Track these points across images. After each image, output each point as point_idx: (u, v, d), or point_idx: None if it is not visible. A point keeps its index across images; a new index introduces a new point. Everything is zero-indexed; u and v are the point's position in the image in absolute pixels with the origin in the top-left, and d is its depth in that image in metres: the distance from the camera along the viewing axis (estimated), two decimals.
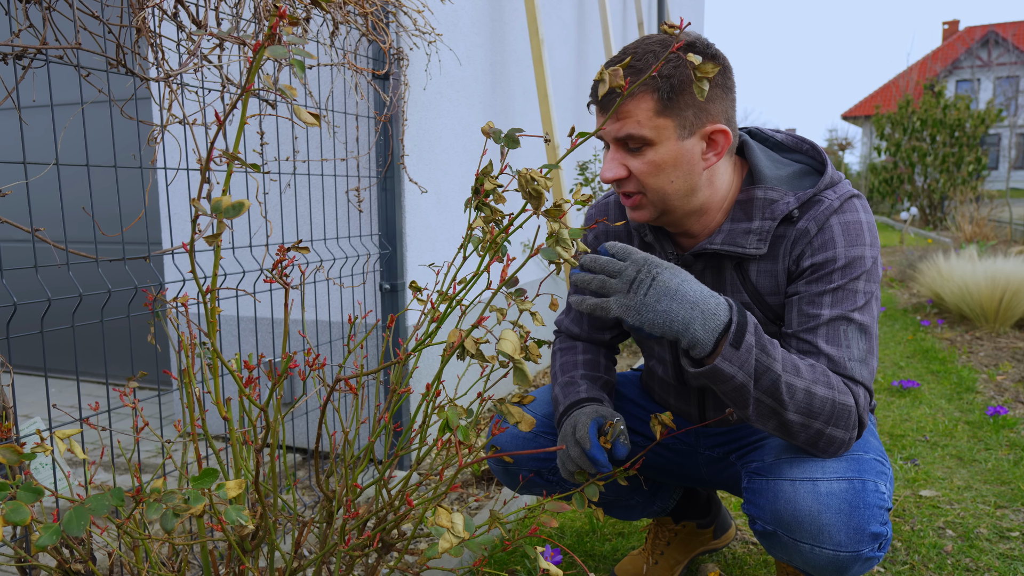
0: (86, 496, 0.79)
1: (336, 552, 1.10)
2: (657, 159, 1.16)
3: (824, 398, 1.09)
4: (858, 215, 1.20)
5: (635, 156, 1.17)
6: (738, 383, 1.06)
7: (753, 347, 1.05)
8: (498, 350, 0.88)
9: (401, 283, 2.29)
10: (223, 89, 1.61)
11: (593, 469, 1.19)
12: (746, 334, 1.05)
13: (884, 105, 17.54)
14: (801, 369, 1.09)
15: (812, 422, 1.09)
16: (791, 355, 1.11)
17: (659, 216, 1.24)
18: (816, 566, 1.14)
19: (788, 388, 1.07)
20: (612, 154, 1.19)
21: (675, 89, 1.12)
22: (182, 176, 2.29)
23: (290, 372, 1.01)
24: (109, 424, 1.39)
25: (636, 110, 1.13)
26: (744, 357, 1.05)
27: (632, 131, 1.14)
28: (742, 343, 1.05)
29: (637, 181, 1.19)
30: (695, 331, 1.05)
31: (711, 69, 0.89)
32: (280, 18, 0.80)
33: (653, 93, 1.12)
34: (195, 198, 0.87)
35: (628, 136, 1.15)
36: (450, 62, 2.58)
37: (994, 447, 2.42)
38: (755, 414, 1.09)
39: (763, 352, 1.06)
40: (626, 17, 4.95)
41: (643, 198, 1.21)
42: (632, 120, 1.14)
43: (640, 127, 1.13)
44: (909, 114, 12.34)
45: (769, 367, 1.06)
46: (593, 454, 1.18)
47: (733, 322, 1.05)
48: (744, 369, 1.05)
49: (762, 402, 1.08)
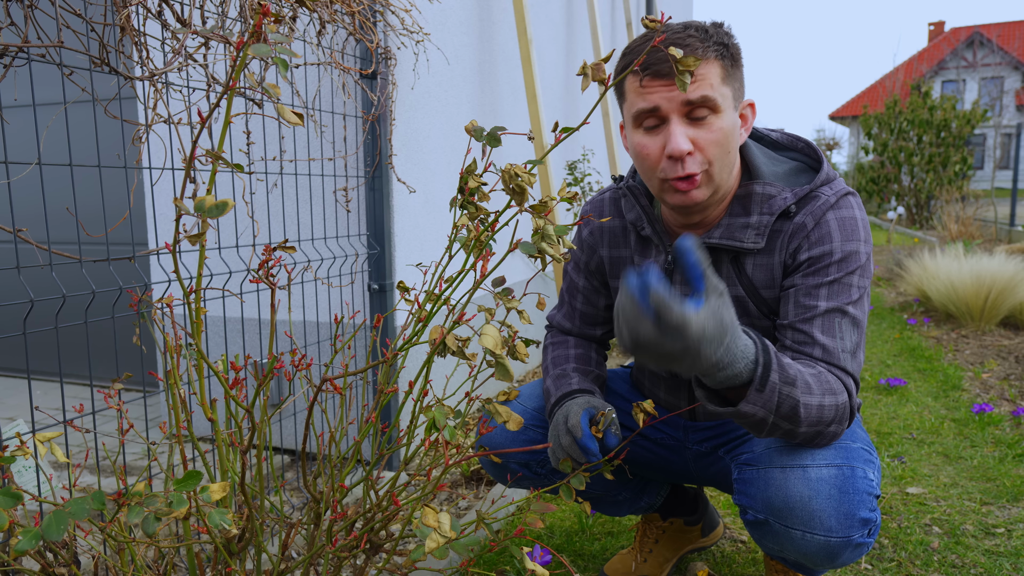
0: (69, 499, 0.78)
1: (324, 554, 1.09)
2: (724, 127, 1.14)
3: (830, 407, 1.10)
4: (853, 212, 1.22)
5: (700, 126, 1.14)
6: (759, 418, 1.05)
7: (778, 384, 1.03)
8: (480, 345, 0.88)
9: (389, 283, 2.28)
10: (208, 88, 1.60)
11: (584, 458, 1.19)
12: (771, 373, 1.02)
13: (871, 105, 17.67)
14: (811, 385, 1.08)
15: (816, 427, 1.11)
16: (802, 369, 1.08)
17: (711, 195, 1.20)
18: (808, 553, 1.14)
19: (805, 408, 1.07)
20: (677, 127, 1.13)
21: (735, 58, 1.15)
22: (167, 176, 2.27)
23: (276, 373, 1.00)
24: (94, 426, 1.38)
25: (708, 74, 1.12)
26: (768, 396, 1.03)
27: (707, 92, 1.12)
28: (767, 384, 1.02)
29: (702, 154, 1.15)
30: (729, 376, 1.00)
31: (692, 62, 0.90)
32: (264, 16, 0.80)
33: (720, 59, 1.13)
34: (178, 197, 0.86)
35: (703, 99, 1.12)
36: (438, 61, 2.57)
37: (980, 444, 2.44)
38: (767, 433, 1.10)
39: (785, 383, 1.04)
40: (614, 17, 4.96)
41: (703, 175, 1.17)
42: (706, 82, 1.12)
43: (713, 90, 1.12)
44: (896, 114, 12.43)
45: (789, 395, 1.05)
46: (584, 443, 1.19)
47: (759, 364, 1.02)
48: (767, 407, 1.04)
49: (778, 425, 1.08)
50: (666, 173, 1.17)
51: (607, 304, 1.49)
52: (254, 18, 0.76)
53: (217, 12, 1.61)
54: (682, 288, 1.33)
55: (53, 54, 1.34)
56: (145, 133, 1.54)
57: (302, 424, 2.31)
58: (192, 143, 0.87)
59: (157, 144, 2.12)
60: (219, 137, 0.85)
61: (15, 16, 2.47)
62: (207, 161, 0.85)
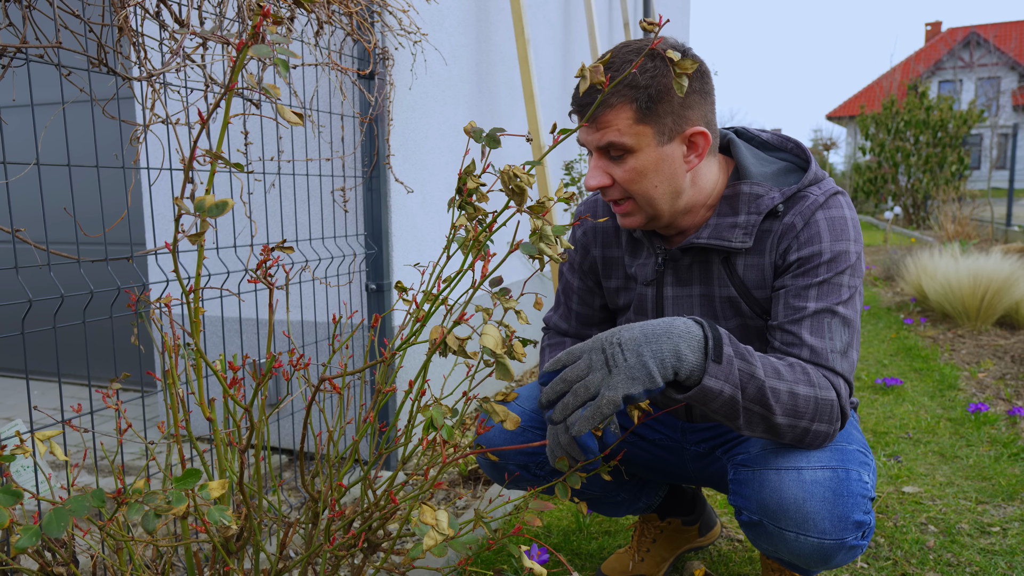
0: (67, 498, 0.79)
1: (321, 553, 1.10)
2: (638, 166, 1.18)
3: (807, 397, 1.10)
4: (843, 211, 1.22)
5: (617, 164, 1.19)
6: (727, 396, 1.06)
7: (734, 357, 1.06)
8: (481, 345, 0.88)
9: (387, 283, 2.28)
10: (207, 88, 1.61)
11: (583, 456, 1.20)
12: (723, 346, 1.05)
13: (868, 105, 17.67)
14: (781, 371, 1.10)
15: (798, 422, 1.11)
16: (769, 358, 1.11)
17: (649, 221, 1.26)
18: (801, 555, 1.15)
19: (773, 392, 1.08)
20: (595, 162, 1.21)
21: (653, 98, 1.14)
22: (165, 176, 2.27)
23: (274, 372, 1.01)
24: (92, 426, 1.38)
25: (616, 119, 1.15)
26: (727, 369, 1.05)
27: (613, 139, 1.16)
28: (722, 355, 1.05)
29: (621, 188, 1.21)
30: (685, 354, 1.03)
31: (690, 65, 0.90)
32: (264, 17, 0.80)
33: (632, 103, 1.14)
34: (178, 197, 0.87)
35: (609, 144, 1.17)
36: (436, 62, 2.58)
37: (975, 443, 2.45)
38: (745, 423, 1.10)
39: (743, 360, 1.07)
40: (612, 17, 4.97)
41: (632, 204, 1.23)
42: (612, 129, 1.16)
43: (620, 135, 1.15)
44: (893, 114, 12.45)
45: (753, 375, 1.07)
46: (584, 440, 1.19)
47: (709, 337, 1.05)
48: (730, 381, 1.05)
49: (751, 411, 1.08)
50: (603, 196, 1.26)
51: (602, 304, 1.50)
52: (252, 19, 0.76)
53: (215, 12, 1.61)
54: (675, 289, 1.34)
55: (51, 55, 1.34)
56: (143, 133, 1.54)
57: (300, 423, 2.32)
58: (192, 144, 0.87)
59: (155, 144, 2.12)
60: (218, 137, 0.85)
61: (13, 17, 2.47)
62: (205, 161, 0.85)
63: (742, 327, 1.30)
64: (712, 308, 1.31)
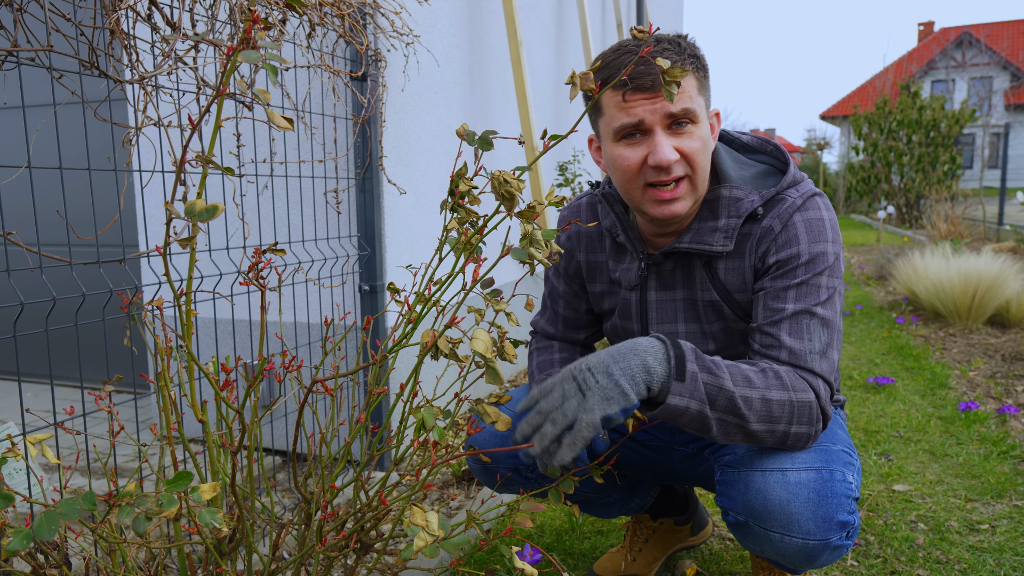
0: (60, 500, 0.79)
1: (314, 554, 1.10)
2: (703, 135, 1.18)
3: (781, 401, 1.11)
4: (820, 212, 1.23)
5: (682, 136, 1.17)
6: (694, 412, 1.07)
7: (699, 372, 1.06)
8: (471, 349, 0.89)
9: (380, 284, 2.29)
10: (198, 91, 1.61)
11: (572, 464, 1.20)
12: (686, 363, 1.06)
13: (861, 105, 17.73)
14: (752, 379, 1.10)
15: (775, 426, 1.11)
16: (740, 366, 1.12)
17: (690, 206, 1.23)
18: (786, 555, 1.16)
19: (745, 401, 1.08)
20: (663, 137, 1.15)
21: (704, 71, 1.19)
22: (157, 178, 2.27)
23: (266, 375, 1.01)
24: (84, 428, 1.39)
25: (687, 86, 1.16)
26: (692, 386, 1.05)
27: (688, 104, 1.15)
28: (685, 373, 1.05)
29: (686, 161, 1.18)
30: (654, 367, 1.05)
31: (679, 73, 0.91)
32: (253, 23, 0.81)
33: (695, 71, 1.17)
34: (168, 201, 0.87)
35: (684, 111, 1.15)
36: (428, 63, 2.58)
37: (965, 442, 2.47)
38: (720, 434, 1.11)
39: (709, 374, 1.07)
40: (605, 19, 4.98)
41: (686, 183, 1.20)
42: (686, 95, 1.15)
43: (692, 101, 1.16)
44: (886, 114, 12.50)
45: (721, 387, 1.07)
46: None
47: (671, 355, 1.06)
48: (695, 397, 1.06)
49: (724, 421, 1.09)
50: (649, 179, 1.19)
51: (588, 308, 1.50)
52: (244, 22, 0.77)
53: (207, 15, 1.62)
54: (658, 294, 1.35)
55: (43, 58, 1.34)
56: (135, 136, 1.54)
57: (293, 425, 2.32)
58: (183, 147, 0.88)
59: (147, 146, 2.12)
60: (209, 140, 0.86)
61: (4, 20, 2.47)
62: (197, 164, 0.86)
63: (725, 330, 1.31)
64: (695, 312, 1.32)
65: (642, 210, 1.24)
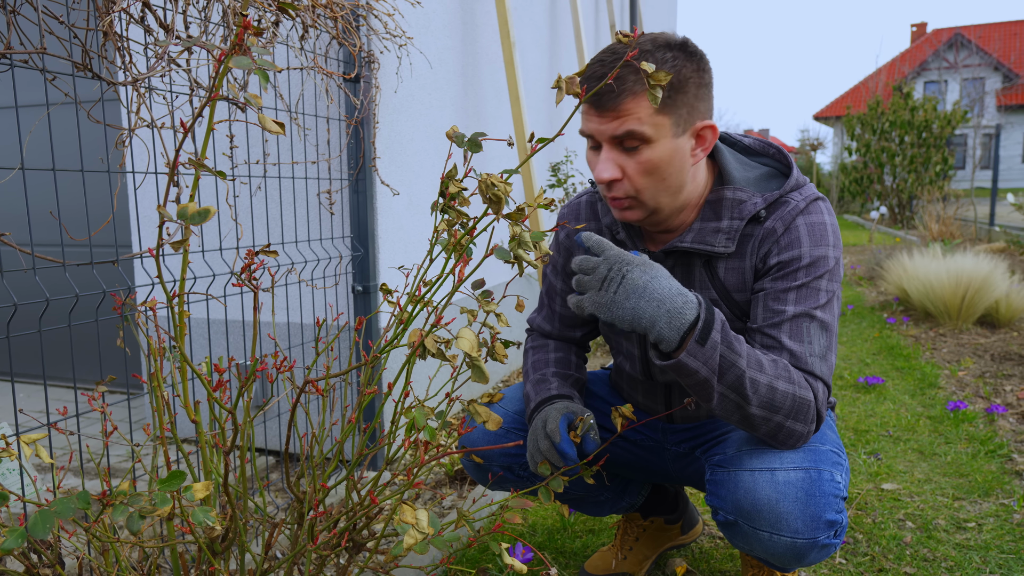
0: (53, 500, 0.80)
1: (306, 553, 1.11)
2: (653, 157, 1.16)
3: (785, 393, 1.12)
4: (823, 217, 1.24)
5: (630, 155, 1.17)
6: (702, 378, 1.09)
7: (719, 344, 1.08)
8: (457, 347, 0.90)
9: (373, 285, 2.30)
10: (191, 93, 1.62)
11: (562, 463, 1.22)
12: (712, 331, 1.08)
13: (854, 106, 17.79)
14: (765, 365, 1.12)
15: (773, 416, 1.13)
16: (756, 351, 1.14)
17: (648, 216, 1.25)
18: (775, 554, 1.17)
19: (752, 383, 1.10)
20: (606, 154, 1.17)
21: (674, 87, 1.13)
22: (151, 179, 2.28)
23: (258, 375, 1.02)
24: (78, 429, 1.39)
25: (637, 108, 1.13)
26: (709, 354, 1.07)
27: (633, 128, 1.13)
28: (707, 340, 1.07)
29: (630, 182, 1.19)
30: (660, 328, 1.07)
31: (664, 77, 0.92)
32: (245, 28, 0.82)
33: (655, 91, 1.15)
34: (161, 204, 0.88)
35: (628, 133, 1.14)
36: (421, 65, 2.59)
37: (953, 441, 2.49)
38: (719, 407, 1.13)
39: (728, 349, 1.09)
40: (598, 19, 4.99)
41: (632, 200, 1.22)
42: (633, 118, 1.13)
43: (641, 124, 1.13)
44: (878, 115, 12.56)
45: (734, 363, 1.09)
46: (562, 447, 1.21)
47: (700, 319, 1.08)
48: (708, 365, 1.08)
49: (726, 396, 1.11)
50: (603, 191, 1.24)
51: None
52: (237, 25, 0.78)
53: (200, 17, 1.62)
54: None
55: (36, 60, 1.35)
56: (128, 137, 1.55)
57: (286, 425, 2.33)
58: (176, 150, 0.89)
59: (140, 148, 2.13)
60: (202, 142, 0.86)
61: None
62: (190, 166, 0.86)
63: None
64: None
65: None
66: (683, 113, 1.16)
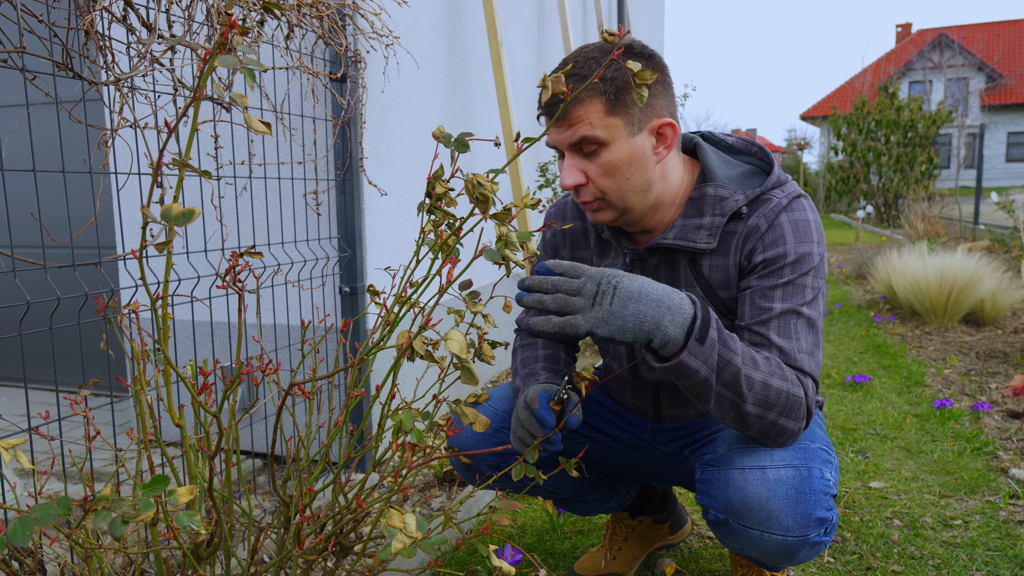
0: (33, 506, 0.79)
1: (292, 557, 1.10)
2: (612, 159, 1.19)
3: (779, 390, 1.13)
4: (806, 214, 1.25)
5: (591, 160, 1.20)
6: (702, 377, 1.08)
7: (716, 342, 1.08)
8: (446, 349, 0.89)
9: (361, 286, 2.29)
10: (175, 93, 1.60)
11: (541, 431, 1.20)
12: (710, 329, 1.08)
13: (840, 106, 17.90)
14: (758, 362, 1.13)
15: (767, 413, 1.13)
16: (749, 348, 1.14)
17: (620, 215, 1.27)
18: (766, 552, 1.17)
19: (747, 381, 1.10)
20: (568, 161, 1.21)
21: (620, 89, 1.16)
22: (134, 180, 2.25)
23: (243, 378, 1.01)
24: (60, 433, 1.37)
25: (587, 113, 1.16)
26: (708, 352, 1.07)
27: (585, 133, 1.17)
28: (706, 338, 1.07)
29: (595, 185, 1.22)
30: (666, 328, 1.06)
31: (649, 76, 0.92)
32: (230, 28, 0.80)
33: (600, 96, 1.16)
34: (144, 205, 0.87)
35: (582, 139, 1.18)
36: (408, 65, 2.58)
37: (940, 439, 2.51)
38: (715, 406, 1.13)
39: (724, 347, 1.09)
40: (586, 19, 5.00)
41: (602, 202, 1.24)
42: (584, 123, 1.17)
43: (593, 128, 1.16)
44: (864, 115, 12.65)
45: (730, 361, 1.09)
46: (541, 414, 1.20)
47: (698, 317, 1.07)
48: (708, 364, 1.08)
49: (723, 395, 1.11)
50: (574, 196, 1.27)
51: None
52: (221, 24, 0.77)
53: (183, 16, 1.61)
54: None
55: (15, 59, 1.33)
56: (111, 138, 1.53)
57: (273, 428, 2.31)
58: (159, 150, 0.87)
59: (123, 149, 2.11)
60: (187, 143, 0.85)
61: None
62: (174, 167, 0.85)
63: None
64: None
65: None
66: (635, 112, 1.18)
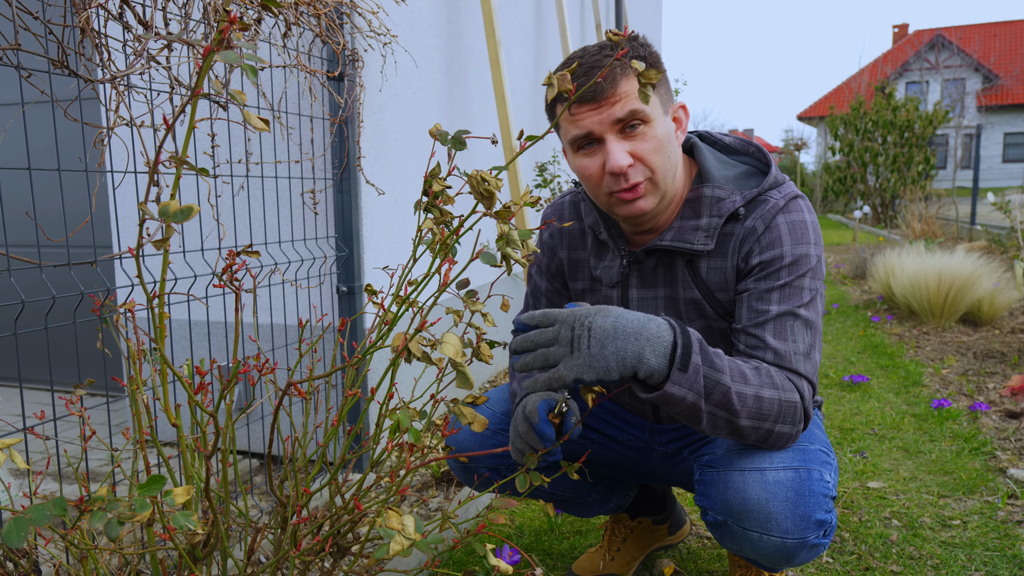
0: (28, 507, 0.78)
1: (289, 558, 1.09)
2: (658, 134, 1.17)
3: (772, 400, 1.11)
4: (803, 215, 1.24)
5: (635, 138, 1.17)
6: (689, 403, 1.06)
7: (700, 366, 1.05)
8: (442, 353, 0.88)
9: (358, 285, 2.28)
10: (172, 91, 1.59)
11: (541, 445, 1.19)
12: (692, 354, 1.05)
13: (838, 106, 17.91)
14: (748, 376, 1.11)
15: (762, 424, 1.12)
16: (736, 362, 1.12)
17: (658, 203, 1.24)
18: (765, 554, 1.17)
19: (739, 397, 1.08)
20: (613, 144, 1.16)
21: (653, 66, 1.15)
22: (130, 179, 2.24)
23: (240, 378, 1.00)
24: (55, 433, 1.36)
25: (632, 88, 1.14)
26: (692, 378, 1.05)
27: (634, 106, 1.14)
28: (689, 364, 1.04)
29: (645, 164, 1.18)
30: (648, 359, 1.03)
31: (655, 76, 0.91)
32: (230, 23, 0.80)
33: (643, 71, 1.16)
34: (142, 202, 0.86)
35: (631, 113, 1.14)
36: (406, 63, 2.57)
37: (938, 439, 2.50)
38: (708, 426, 1.11)
39: (711, 368, 1.07)
40: (584, 19, 4.99)
41: (647, 183, 1.20)
42: (631, 97, 1.14)
43: (638, 102, 1.14)
44: (861, 115, 12.67)
45: (718, 381, 1.07)
46: (540, 428, 1.19)
47: (678, 345, 1.04)
48: (694, 389, 1.05)
49: (715, 415, 1.09)
50: (610, 187, 1.21)
51: None
52: (219, 21, 0.76)
53: (180, 13, 1.60)
54: (639, 291, 1.35)
55: (10, 56, 1.32)
56: (107, 136, 1.52)
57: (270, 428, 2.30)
58: (156, 148, 0.86)
59: (119, 147, 2.09)
60: (184, 141, 0.85)
61: None
62: (171, 165, 0.84)
63: (706, 328, 1.32)
64: (676, 310, 1.33)
65: (613, 212, 1.26)
66: (664, 92, 1.19)
